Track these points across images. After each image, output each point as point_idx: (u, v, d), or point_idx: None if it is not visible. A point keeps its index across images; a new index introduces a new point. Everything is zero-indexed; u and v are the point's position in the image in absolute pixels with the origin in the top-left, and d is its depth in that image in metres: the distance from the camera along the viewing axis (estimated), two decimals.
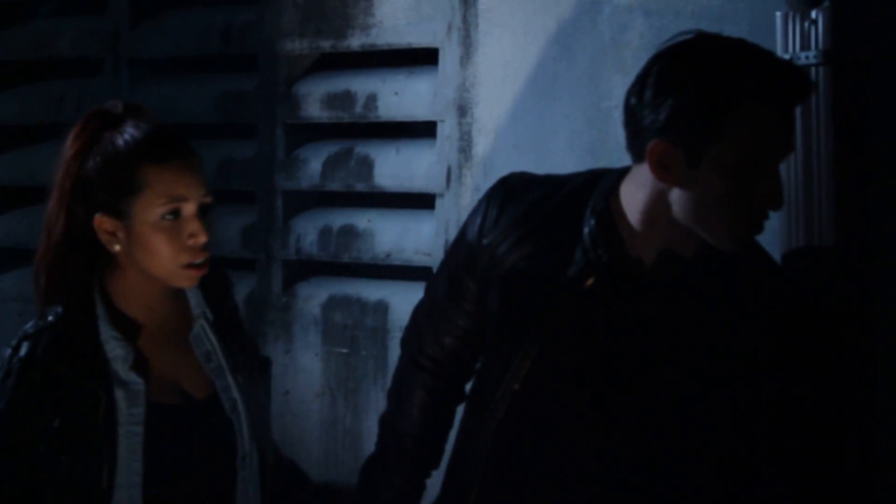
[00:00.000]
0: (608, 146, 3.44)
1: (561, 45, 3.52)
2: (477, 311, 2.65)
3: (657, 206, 2.40)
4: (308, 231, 4.13)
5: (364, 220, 4.03)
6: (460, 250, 2.66)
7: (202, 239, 2.68)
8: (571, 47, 3.50)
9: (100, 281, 2.74)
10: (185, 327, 2.79)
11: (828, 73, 2.88)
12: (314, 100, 4.10)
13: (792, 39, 2.94)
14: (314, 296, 4.11)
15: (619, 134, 3.39)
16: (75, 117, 4.56)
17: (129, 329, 2.72)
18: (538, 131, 3.58)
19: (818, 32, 2.90)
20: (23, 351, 2.68)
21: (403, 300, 3.91)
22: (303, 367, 4.07)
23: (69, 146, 2.77)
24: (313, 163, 4.11)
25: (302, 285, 4.16)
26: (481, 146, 3.73)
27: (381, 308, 3.96)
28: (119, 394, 2.68)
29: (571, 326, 2.45)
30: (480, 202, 2.64)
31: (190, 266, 2.69)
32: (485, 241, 2.58)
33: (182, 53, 4.41)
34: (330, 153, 4.09)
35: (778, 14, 2.98)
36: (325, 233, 4.10)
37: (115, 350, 2.70)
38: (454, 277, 2.68)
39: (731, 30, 3.22)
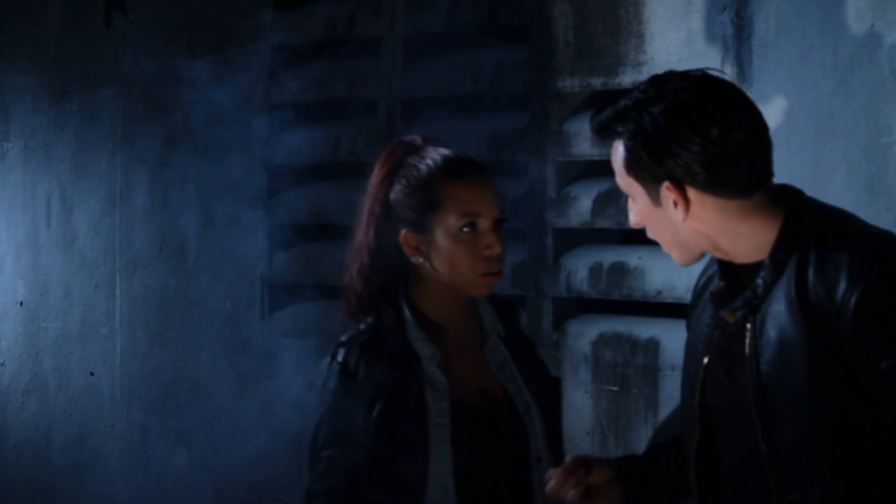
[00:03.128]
0: (887, 182, 3.36)
1: (838, 80, 3.45)
2: None
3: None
4: (578, 268, 4.14)
5: (635, 257, 4.02)
6: None
7: (497, 250, 2.96)
8: (849, 81, 3.43)
9: (405, 291, 3.03)
10: (479, 341, 3.06)
11: None
12: (584, 137, 4.11)
13: None
14: (584, 333, 4.11)
15: None
16: (350, 158, 4.72)
17: (434, 332, 3.01)
18: (815, 167, 3.52)
19: None
20: (340, 356, 2.99)
21: (674, 338, 3.88)
22: (573, 404, 4.07)
23: (376, 174, 3.07)
24: (584, 200, 4.12)
25: (572, 322, 4.16)
26: None
27: (652, 346, 3.93)
28: (427, 389, 2.96)
29: (719, 341, 2.65)
30: None
31: (486, 275, 2.97)
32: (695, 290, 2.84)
33: (454, 93, 4.47)
34: (600, 190, 4.09)
35: None
36: (595, 270, 4.10)
37: (424, 350, 2.98)
38: None
39: None
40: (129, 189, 5.26)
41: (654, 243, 3.99)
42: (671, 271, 3.91)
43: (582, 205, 4.12)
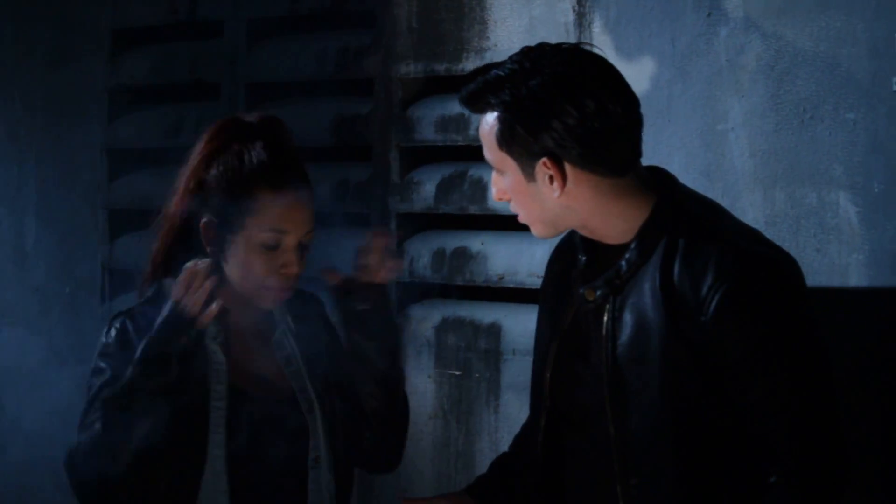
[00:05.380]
0: (724, 168, 3.42)
1: (676, 68, 3.50)
2: None
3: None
4: (421, 253, 4.15)
5: (477, 242, 4.04)
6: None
7: (294, 270, 2.81)
8: (687, 69, 3.48)
9: None
10: (270, 333, 2.93)
11: None
12: (428, 123, 4.12)
13: None
14: (427, 318, 4.12)
15: (734, 156, 3.40)
16: (193, 142, 4.67)
17: (222, 313, 2.78)
18: (653, 154, 3.54)
19: None
20: (117, 325, 2.84)
21: (516, 322, 3.91)
22: (415, 388, 4.08)
23: (200, 148, 2.88)
24: (427, 185, 4.13)
25: (415, 307, 4.17)
26: None
27: (494, 330, 3.96)
28: (209, 368, 2.83)
29: (575, 319, 2.66)
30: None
31: (275, 290, 2.82)
32: (550, 266, 2.81)
33: (298, 77, 4.45)
34: (444, 176, 4.10)
35: None
36: (438, 255, 4.11)
37: (210, 327, 2.79)
38: None
39: (849, 51, 3.20)
40: None
41: (496, 228, 4.05)
42: (513, 256, 3.94)
43: (425, 190, 4.13)
